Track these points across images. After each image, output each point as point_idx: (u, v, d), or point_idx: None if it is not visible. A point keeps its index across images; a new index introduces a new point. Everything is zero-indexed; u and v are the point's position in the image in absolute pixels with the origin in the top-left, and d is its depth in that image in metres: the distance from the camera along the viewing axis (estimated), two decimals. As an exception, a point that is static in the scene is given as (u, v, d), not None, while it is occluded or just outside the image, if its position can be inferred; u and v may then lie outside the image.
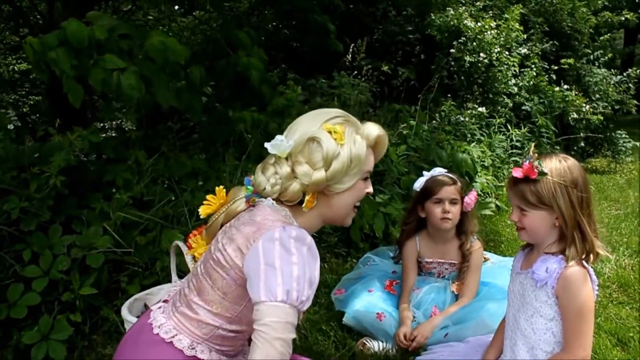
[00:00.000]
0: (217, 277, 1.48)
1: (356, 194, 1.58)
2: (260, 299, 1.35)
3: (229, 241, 1.48)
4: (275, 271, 1.35)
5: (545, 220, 1.72)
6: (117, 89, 2.46)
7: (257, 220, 1.47)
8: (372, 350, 2.33)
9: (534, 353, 1.83)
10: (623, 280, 3.03)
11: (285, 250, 1.38)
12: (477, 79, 6.62)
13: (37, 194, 2.55)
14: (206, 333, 1.51)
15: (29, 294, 2.32)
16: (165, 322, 1.54)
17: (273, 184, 1.51)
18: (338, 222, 1.64)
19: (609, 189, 5.81)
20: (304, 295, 1.37)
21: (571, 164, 1.72)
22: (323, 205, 1.56)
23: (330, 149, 1.49)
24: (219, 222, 1.63)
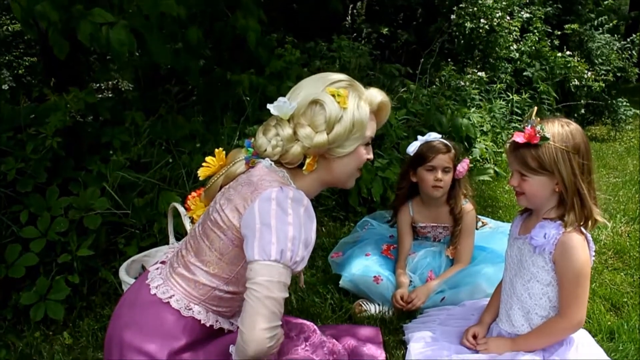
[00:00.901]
0: (215, 238, 1.49)
1: (357, 159, 1.58)
2: (254, 258, 1.36)
3: (227, 202, 1.49)
4: (270, 230, 1.36)
5: (545, 186, 1.71)
6: (106, 45, 2.41)
7: (254, 181, 1.48)
8: (368, 313, 2.35)
9: (530, 317, 1.85)
10: (619, 247, 3.04)
11: (282, 210, 1.38)
12: (478, 45, 6.54)
13: (33, 155, 2.54)
14: (203, 294, 1.52)
15: (26, 255, 2.33)
16: (162, 283, 1.55)
17: (274, 146, 1.50)
18: (339, 185, 1.65)
19: (608, 156, 5.80)
20: (298, 255, 1.38)
21: (574, 129, 1.70)
22: (323, 169, 1.56)
23: (334, 113, 1.48)
24: (218, 183, 1.63)
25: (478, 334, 1.96)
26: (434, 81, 5.50)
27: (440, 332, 2.07)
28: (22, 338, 2.21)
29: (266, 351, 1.37)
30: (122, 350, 1.49)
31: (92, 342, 2.18)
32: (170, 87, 3.96)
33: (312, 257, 2.93)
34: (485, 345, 1.90)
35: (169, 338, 1.48)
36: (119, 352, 1.49)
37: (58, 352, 2.11)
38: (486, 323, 2.01)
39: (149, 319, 1.51)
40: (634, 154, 5.88)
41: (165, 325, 1.49)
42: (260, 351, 1.36)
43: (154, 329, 1.49)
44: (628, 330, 2.15)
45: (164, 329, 1.49)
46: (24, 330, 2.26)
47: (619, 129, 7.17)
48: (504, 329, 1.93)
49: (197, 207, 1.72)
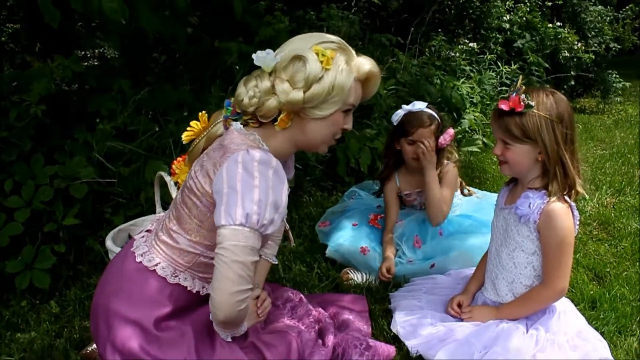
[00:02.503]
0: (192, 205, 1.49)
1: (333, 125, 1.55)
2: (220, 223, 1.37)
3: (200, 168, 1.49)
4: (235, 194, 1.36)
5: (528, 155, 1.72)
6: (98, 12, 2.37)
7: (225, 144, 1.47)
8: (355, 281, 2.36)
9: (514, 286, 1.87)
10: (604, 218, 3.07)
11: (248, 173, 1.37)
12: (470, 14, 6.48)
13: (17, 123, 2.50)
14: (188, 261, 1.53)
15: (11, 224, 2.30)
16: (147, 251, 1.55)
17: (251, 97, 1.48)
18: (311, 149, 1.62)
19: (596, 129, 5.83)
20: (265, 218, 1.38)
21: (558, 99, 1.70)
22: (297, 129, 1.53)
23: (314, 71, 1.45)
24: (200, 146, 1.62)
25: (463, 303, 1.99)
26: (424, 51, 5.46)
27: (426, 300, 2.09)
28: (8, 307, 2.21)
29: (236, 315, 1.39)
30: (109, 319, 1.49)
31: (79, 310, 2.18)
32: (157, 56, 3.91)
33: (300, 227, 2.94)
34: (470, 313, 1.93)
35: (156, 305, 1.49)
36: (105, 321, 1.50)
37: (45, 321, 2.11)
38: (471, 292, 2.03)
39: (135, 286, 1.51)
40: (622, 127, 5.91)
41: (152, 292, 1.50)
42: (230, 315, 1.38)
43: (140, 296, 1.50)
44: (609, 299, 2.18)
45: (150, 297, 1.50)
46: (10, 299, 2.26)
47: (608, 102, 7.18)
48: (488, 298, 1.95)
49: (182, 172, 1.72)
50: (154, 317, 1.48)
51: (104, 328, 1.50)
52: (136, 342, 1.45)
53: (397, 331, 1.95)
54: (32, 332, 2.05)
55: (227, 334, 1.54)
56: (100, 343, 1.51)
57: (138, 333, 1.46)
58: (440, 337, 1.84)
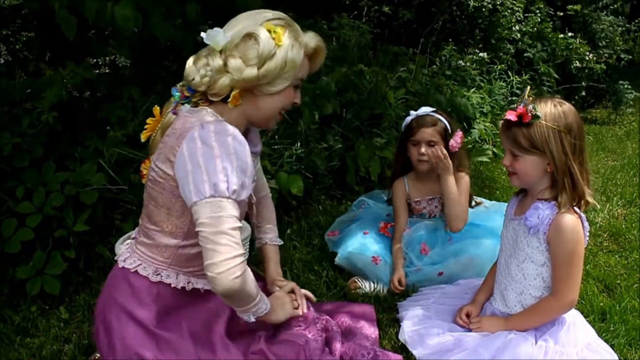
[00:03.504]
0: (157, 195, 1.50)
1: (284, 99, 1.58)
2: (192, 201, 1.37)
3: (158, 156, 1.50)
4: (200, 169, 1.37)
5: (537, 165, 1.71)
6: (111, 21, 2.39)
7: (178, 128, 1.48)
8: (363, 290, 2.35)
9: (523, 298, 1.85)
10: (614, 230, 3.05)
11: (207, 145, 1.38)
12: (480, 24, 6.48)
13: (29, 130, 2.53)
14: (168, 257, 1.53)
15: (22, 230, 2.32)
16: (129, 256, 1.58)
17: (203, 75, 1.48)
18: (262, 124, 1.64)
19: (607, 139, 5.79)
20: (234, 184, 1.38)
21: (566, 109, 1.69)
22: (250, 104, 1.55)
23: (267, 48, 1.46)
24: (157, 140, 1.62)
25: (471, 313, 1.98)
26: (434, 61, 5.47)
27: (434, 310, 2.08)
28: (18, 312, 2.23)
29: (236, 286, 1.37)
30: (107, 329, 1.52)
31: (88, 316, 2.19)
32: (168, 64, 3.93)
33: (309, 235, 2.94)
34: (479, 324, 1.91)
35: (145, 306, 1.51)
36: (105, 331, 1.53)
37: (54, 326, 2.13)
38: (480, 302, 2.02)
39: (122, 292, 1.53)
40: (634, 138, 5.86)
41: (138, 294, 1.52)
42: (229, 287, 1.37)
43: (128, 300, 1.52)
44: (620, 311, 2.16)
45: (137, 298, 1.52)
46: (21, 304, 2.27)
47: (619, 112, 7.13)
48: (497, 309, 1.94)
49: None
50: (152, 315, 1.50)
51: (104, 337, 1.53)
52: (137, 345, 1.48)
53: (404, 340, 1.95)
54: (42, 337, 2.06)
55: (246, 314, 1.52)
56: (104, 352, 1.54)
57: (139, 335, 1.49)
58: (448, 347, 1.84)
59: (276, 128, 3.18)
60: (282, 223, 3.07)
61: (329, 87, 3.63)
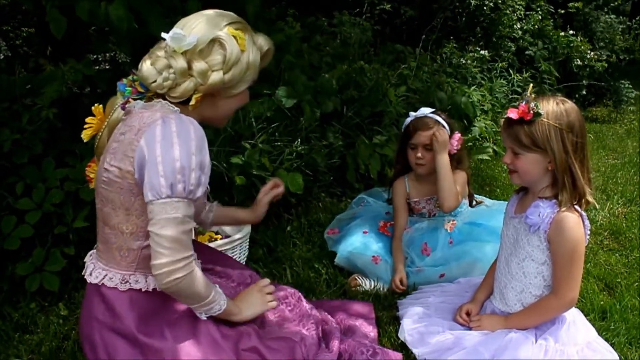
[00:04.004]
0: (114, 196, 1.45)
1: (241, 101, 1.59)
2: (148, 199, 1.35)
3: (112, 155, 1.45)
4: (157, 167, 1.34)
5: (538, 164, 1.70)
6: (105, 20, 2.39)
7: (136, 125, 1.43)
8: (363, 288, 2.35)
9: (523, 296, 1.85)
10: (615, 228, 3.05)
11: (167, 142, 1.35)
12: (481, 22, 6.47)
13: (29, 126, 2.52)
14: (132, 260, 1.48)
15: (22, 227, 2.31)
16: (93, 268, 1.52)
17: (165, 78, 1.44)
18: (215, 124, 1.65)
19: (608, 138, 5.78)
20: (191, 184, 1.37)
21: (568, 107, 1.69)
22: (208, 106, 1.53)
23: (234, 54, 1.46)
24: (104, 139, 1.58)
25: (471, 311, 1.97)
26: (435, 58, 5.46)
27: (434, 308, 2.08)
28: (17, 309, 2.22)
29: (177, 286, 1.38)
30: (94, 348, 1.48)
31: (88, 313, 2.18)
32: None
33: (309, 232, 2.94)
34: (479, 322, 1.91)
35: (122, 319, 1.46)
36: (92, 351, 1.49)
37: (53, 323, 2.12)
38: (480, 300, 2.02)
39: (96, 305, 1.49)
40: (634, 136, 5.86)
41: (112, 307, 1.47)
42: (169, 287, 1.37)
43: (104, 313, 1.47)
44: (620, 309, 2.16)
45: (112, 310, 1.47)
46: (20, 301, 2.27)
47: (620, 111, 7.13)
48: (497, 307, 1.93)
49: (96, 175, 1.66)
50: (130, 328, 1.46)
51: (92, 355, 1.50)
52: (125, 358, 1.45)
53: (404, 339, 1.94)
54: (41, 334, 2.06)
55: (197, 311, 1.50)
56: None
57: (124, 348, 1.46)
58: (448, 345, 1.83)
59: (277, 125, 3.18)
60: (282, 220, 3.07)
61: (330, 84, 3.63)
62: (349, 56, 4.31)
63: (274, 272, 2.52)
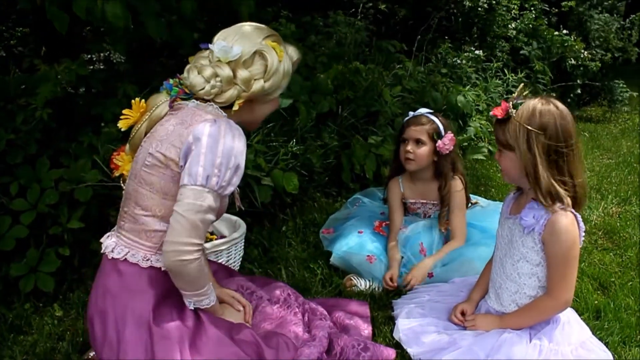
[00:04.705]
0: (154, 180, 1.54)
1: (274, 106, 1.76)
2: (183, 182, 1.47)
3: (160, 142, 1.55)
4: (199, 158, 1.46)
5: (514, 162, 1.72)
6: (101, 18, 2.38)
7: (187, 120, 1.55)
8: (358, 288, 2.35)
9: (518, 297, 1.85)
10: (609, 228, 3.06)
11: (213, 139, 1.47)
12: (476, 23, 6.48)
13: (23, 126, 2.51)
14: (157, 242, 1.56)
15: (16, 227, 2.31)
16: (115, 246, 1.60)
17: (213, 86, 1.58)
18: (250, 127, 1.80)
19: (602, 137, 5.81)
20: (224, 180, 1.49)
21: (547, 109, 1.66)
22: (246, 111, 1.67)
23: (274, 64, 1.61)
24: (142, 131, 1.67)
25: (466, 311, 1.98)
26: (430, 58, 5.46)
27: (429, 308, 2.08)
28: (12, 309, 2.22)
29: (181, 268, 1.47)
30: (103, 324, 1.54)
31: (82, 313, 2.18)
32: (164, 60, 3.91)
33: (304, 232, 2.94)
34: (473, 322, 1.91)
35: (139, 295, 1.54)
36: (102, 326, 1.54)
37: (48, 324, 2.12)
38: (475, 300, 2.02)
39: (114, 281, 1.56)
40: (629, 136, 5.89)
41: (130, 282, 1.55)
42: (172, 266, 1.47)
43: (122, 291, 1.54)
44: (614, 309, 2.17)
45: (131, 288, 1.55)
46: (14, 301, 2.26)
47: (614, 111, 7.15)
48: (492, 307, 1.94)
49: (125, 162, 1.75)
50: (146, 310, 1.53)
51: (100, 329, 1.55)
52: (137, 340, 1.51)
53: (399, 338, 1.94)
54: (35, 335, 2.05)
55: (187, 299, 1.58)
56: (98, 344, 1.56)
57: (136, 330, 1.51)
58: (443, 345, 1.83)
59: (272, 125, 3.18)
60: (277, 220, 3.07)
61: (325, 84, 3.63)
62: (344, 56, 4.31)
63: (269, 272, 2.52)
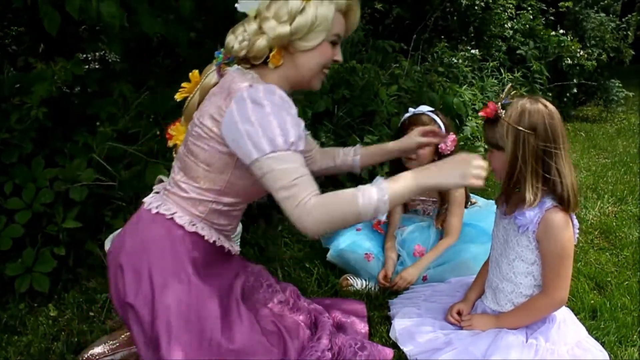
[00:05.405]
0: (199, 151, 1.52)
1: (322, 56, 1.61)
2: (253, 157, 1.41)
3: (204, 114, 1.53)
4: (254, 127, 1.40)
5: (503, 162, 1.71)
6: (96, 17, 2.37)
7: (226, 87, 1.52)
8: (355, 288, 2.35)
9: (514, 296, 1.86)
10: (605, 227, 3.06)
11: (257, 104, 1.42)
12: (473, 22, 6.48)
13: (18, 125, 2.49)
14: (202, 211, 1.56)
15: (12, 226, 2.30)
16: (162, 203, 1.57)
17: (241, 41, 1.55)
18: (305, 85, 1.67)
19: (598, 137, 5.82)
20: (290, 136, 1.41)
21: (536, 108, 1.65)
22: (289, 65, 1.60)
23: (295, 4, 1.53)
24: (195, 101, 1.66)
25: (463, 311, 1.98)
26: (427, 58, 5.46)
27: (425, 308, 2.08)
28: (6, 309, 2.21)
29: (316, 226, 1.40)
30: (141, 279, 1.48)
31: (78, 314, 2.17)
32: (159, 59, 3.90)
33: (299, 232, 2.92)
34: (470, 321, 1.91)
35: (180, 255, 1.51)
36: (136, 279, 1.48)
37: (43, 324, 2.11)
38: (471, 300, 2.02)
39: (157, 236, 1.52)
40: (624, 135, 5.90)
41: (173, 242, 1.52)
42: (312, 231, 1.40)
43: (163, 247, 1.51)
44: (610, 308, 2.17)
45: (173, 247, 1.51)
46: (9, 301, 2.25)
47: (610, 110, 7.17)
48: (488, 307, 1.94)
49: (179, 132, 1.74)
50: (183, 269, 1.49)
51: (133, 282, 1.48)
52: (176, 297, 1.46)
53: (395, 338, 1.95)
54: (30, 335, 2.04)
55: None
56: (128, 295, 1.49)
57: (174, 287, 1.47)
58: (439, 345, 1.84)
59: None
60: (273, 220, 3.06)
61: (321, 83, 3.62)
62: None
63: (265, 272, 2.52)
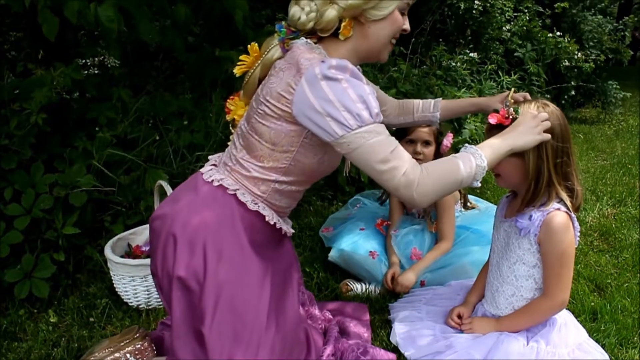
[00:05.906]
0: (264, 130, 1.45)
1: (392, 25, 1.52)
2: (338, 135, 1.35)
3: (270, 91, 1.44)
4: (333, 105, 1.33)
5: (518, 168, 1.71)
6: (94, 22, 2.38)
7: (294, 63, 1.42)
8: (355, 292, 2.35)
9: (514, 299, 1.85)
10: (605, 229, 3.06)
11: (332, 80, 1.34)
12: (471, 25, 6.49)
13: (17, 131, 2.50)
14: (264, 191, 1.50)
15: (11, 232, 2.30)
16: (225, 177, 1.51)
17: (308, 12, 1.46)
18: (374, 57, 1.58)
19: (596, 139, 5.83)
20: (373, 108, 1.36)
21: (549, 111, 1.68)
22: (359, 36, 1.51)
23: None
24: (255, 76, 1.58)
25: (463, 314, 1.97)
26: (425, 61, 5.47)
27: (426, 311, 2.08)
28: (6, 316, 2.20)
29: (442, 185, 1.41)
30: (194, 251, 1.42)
31: (77, 320, 2.17)
32: (158, 64, 3.91)
33: (300, 236, 2.93)
34: (470, 325, 1.91)
35: (238, 232, 1.46)
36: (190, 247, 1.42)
37: (43, 330, 2.10)
38: (471, 303, 2.02)
39: (218, 210, 1.47)
40: (623, 137, 5.91)
41: (234, 218, 1.47)
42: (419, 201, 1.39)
43: (221, 221, 1.45)
44: (610, 310, 2.17)
45: (232, 222, 1.46)
46: (9, 308, 2.25)
47: (608, 112, 7.18)
48: (488, 310, 1.94)
49: (237, 107, 1.67)
50: (240, 247, 1.45)
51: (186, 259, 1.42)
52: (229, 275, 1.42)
53: (396, 342, 1.94)
54: (30, 341, 2.04)
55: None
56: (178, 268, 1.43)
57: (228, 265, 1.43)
58: (440, 348, 1.83)
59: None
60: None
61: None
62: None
63: (265, 276, 2.51)
